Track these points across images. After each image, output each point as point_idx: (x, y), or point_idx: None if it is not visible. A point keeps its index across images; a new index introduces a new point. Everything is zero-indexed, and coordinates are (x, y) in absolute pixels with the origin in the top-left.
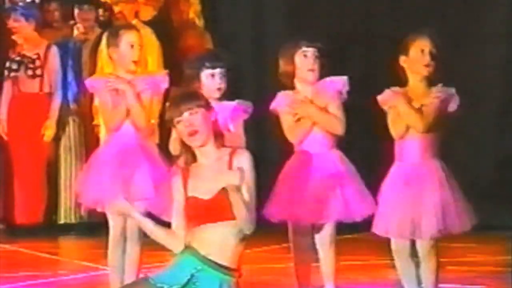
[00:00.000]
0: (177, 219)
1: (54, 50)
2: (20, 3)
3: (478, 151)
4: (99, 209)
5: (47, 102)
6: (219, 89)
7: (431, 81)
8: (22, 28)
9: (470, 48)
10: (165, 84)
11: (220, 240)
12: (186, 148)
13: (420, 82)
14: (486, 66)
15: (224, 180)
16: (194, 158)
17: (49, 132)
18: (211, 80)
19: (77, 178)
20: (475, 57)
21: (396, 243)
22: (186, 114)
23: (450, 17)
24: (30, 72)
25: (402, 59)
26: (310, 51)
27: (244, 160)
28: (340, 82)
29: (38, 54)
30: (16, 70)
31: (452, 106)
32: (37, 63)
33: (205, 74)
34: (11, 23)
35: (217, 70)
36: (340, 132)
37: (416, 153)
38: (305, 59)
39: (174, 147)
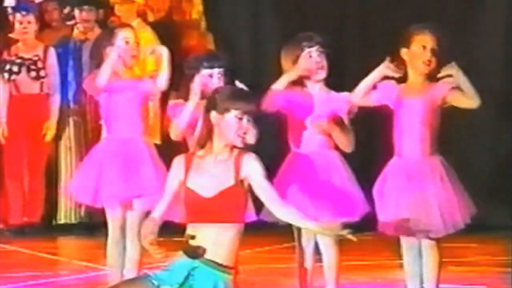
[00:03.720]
0: (162, 205)
1: (52, 51)
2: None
3: (478, 151)
4: (98, 206)
5: (47, 103)
6: None
7: (431, 77)
8: (30, 27)
9: (468, 44)
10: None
11: (215, 239)
12: (209, 135)
13: (419, 76)
14: (486, 63)
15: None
16: (204, 145)
17: (50, 132)
18: (209, 80)
19: (72, 176)
20: (474, 54)
21: (406, 239)
22: (246, 120)
23: (449, 14)
24: (33, 74)
25: (404, 51)
26: (314, 50)
27: (252, 165)
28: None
29: (38, 55)
30: (17, 73)
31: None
32: (40, 64)
33: (203, 74)
34: (17, 22)
35: (215, 70)
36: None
37: (416, 148)
38: (311, 60)
39: (174, 133)
